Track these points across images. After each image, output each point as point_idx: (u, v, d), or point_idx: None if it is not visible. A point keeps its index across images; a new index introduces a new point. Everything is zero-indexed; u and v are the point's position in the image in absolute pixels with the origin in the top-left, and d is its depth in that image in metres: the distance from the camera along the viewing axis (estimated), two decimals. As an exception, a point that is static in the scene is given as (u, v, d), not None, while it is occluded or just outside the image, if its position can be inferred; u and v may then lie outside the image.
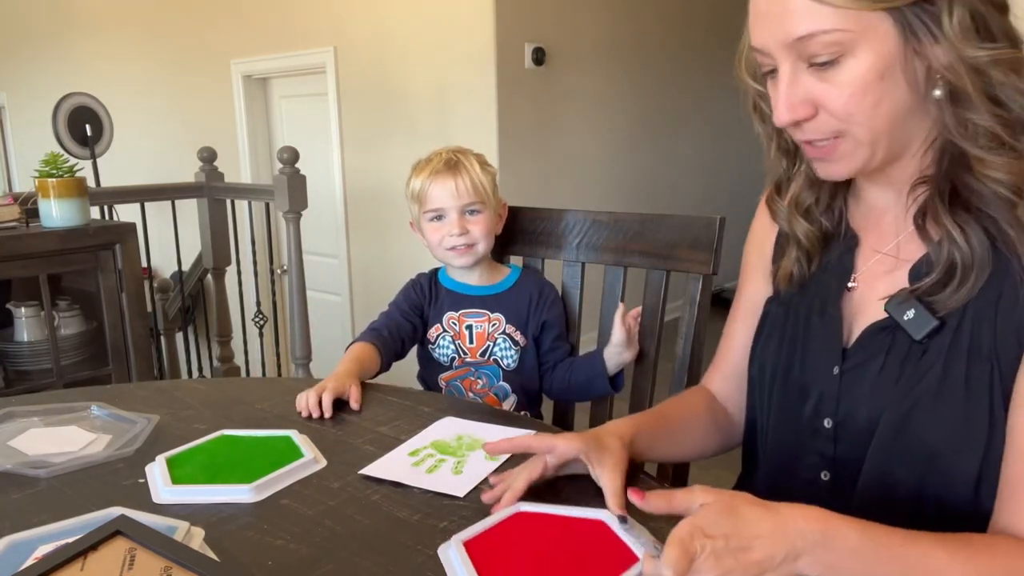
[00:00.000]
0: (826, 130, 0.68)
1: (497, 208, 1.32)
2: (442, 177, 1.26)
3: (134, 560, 0.54)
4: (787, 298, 0.83)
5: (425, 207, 1.28)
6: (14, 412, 1.01)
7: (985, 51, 0.61)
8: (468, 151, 1.32)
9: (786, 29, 0.64)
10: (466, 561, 0.63)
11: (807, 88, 0.66)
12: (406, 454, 0.88)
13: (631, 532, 0.66)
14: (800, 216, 0.79)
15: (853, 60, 0.63)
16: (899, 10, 0.61)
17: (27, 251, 1.94)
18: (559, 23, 3.67)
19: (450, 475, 0.82)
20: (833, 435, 0.76)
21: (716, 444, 0.94)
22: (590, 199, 3.96)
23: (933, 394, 0.67)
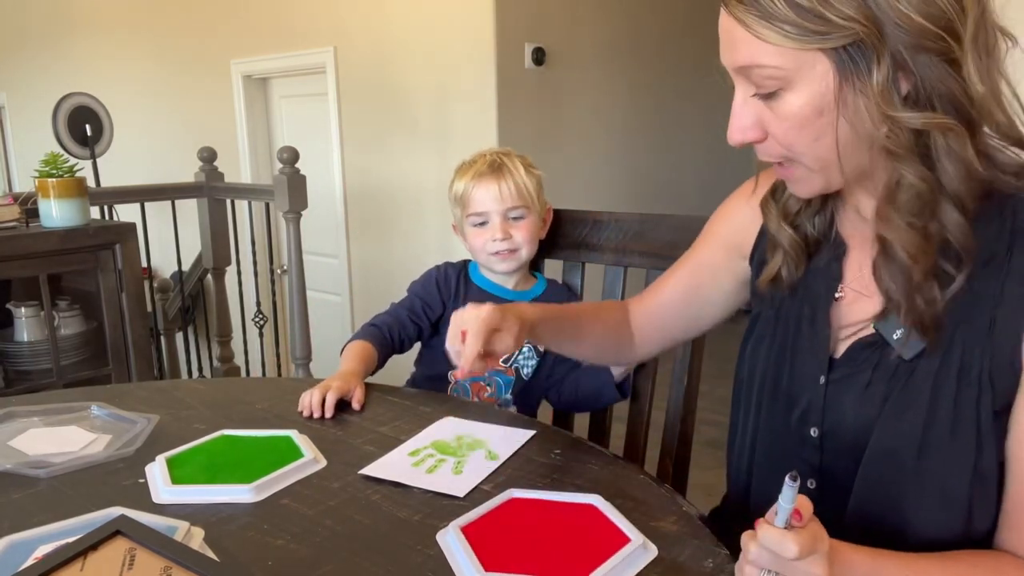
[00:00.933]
0: (775, 154, 0.70)
1: (542, 212, 1.29)
2: (486, 180, 1.24)
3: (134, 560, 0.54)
4: (778, 303, 0.83)
5: (468, 211, 1.26)
6: (14, 412, 1.01)
7: (910, 114, 0.61)
8: (512, 152, 1.30)
9: (731, 57, 0.66)
10: (465, 545, 0.65)
11: (756, 113, 0.67)
12: (406, 454, 0.88)
13: None
14: (786, 224, 0.80)
15: (792, 95, 0.64)
16: (835, 51, 0.61)
17: (27, 251, 1.94)
18: (559, 23, 3.67)
19: (450, 475, 0.82)
20: (819, 444, 0.76)
21: (610, 358, 1.08)
22: (590, 199, 3.96)
23: (924, 418, 0.67)
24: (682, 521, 0.71)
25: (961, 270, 0.64)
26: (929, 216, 0.64)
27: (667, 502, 0.75)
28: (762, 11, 0.62)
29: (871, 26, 0.60)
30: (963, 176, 0.62)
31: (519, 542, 0.67)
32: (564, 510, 0.73)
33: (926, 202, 0.64)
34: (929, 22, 0.59)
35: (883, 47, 0.60)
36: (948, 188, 0.63)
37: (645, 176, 4.40)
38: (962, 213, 0.63)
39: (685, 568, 0.64)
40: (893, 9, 0.59)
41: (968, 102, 0.61)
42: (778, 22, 0.61)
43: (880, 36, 0.60)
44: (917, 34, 0.59)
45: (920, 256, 0.64)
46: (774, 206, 0.81)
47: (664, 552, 0.66)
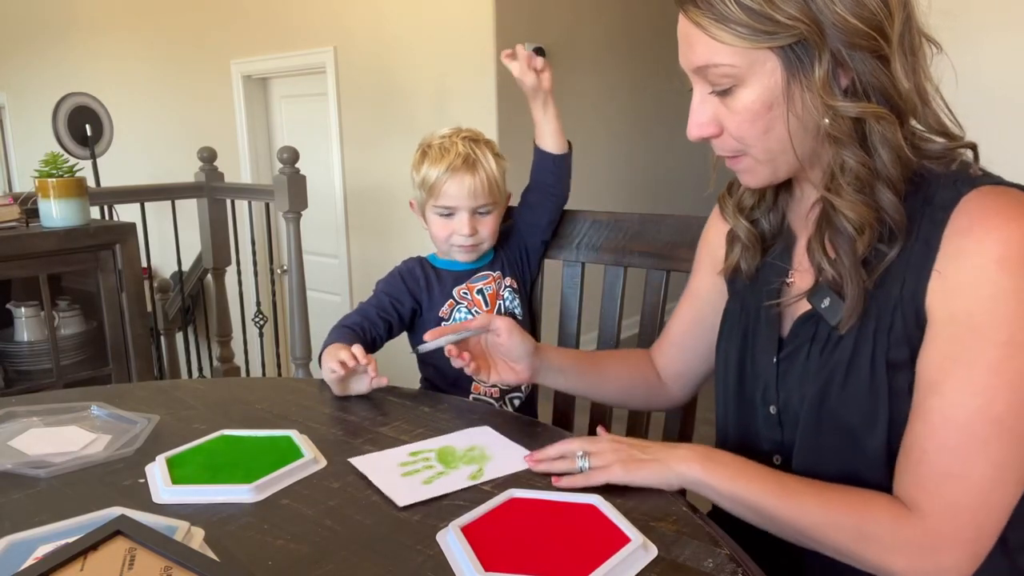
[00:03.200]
0: (729, 148, 0.76)
1: (504, 201, 1.31)
2: (459, 175, 1.23)
3: (134, 560, 0.54)
4: (742, 294, 0.89)
5: (437, 201, 1.26)
6: (14, 412, 1.01)
7: (848, 104, 0.68)
8: (481, 139, 1.29)
9: (689, 58, 0.73)
10: (465, 545, 0.65)
11: (712, 110, 0.74)
12: (406, 453, 0.88)
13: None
14: (742, 217, 0.87)
15: (744, 90, 0.71)
16: (782, 49, 0.68)
17: (27, 251, 1.94)
18: (559, 23, 3.67)
19: (418, 484, 0.79)
20: (778, 420, 0.82)
21: (640, 401, 1.10)
22: (590, 199, 3.96)
23: (842, 377, 0.73)
24: (682, 521, 0.71)
25: (893, 246, 0.70)
26: (868, 193, 0.70)
27: (667, 502, 0.75)
28: (716, 14, 0.68)
29: (813, 25, 0.66)
30: (894, 160, 0.69)
31: (519, 542, 0.67)
32: (564, 510, 0.73)
33: (865, 183, 0.70)
34: (861, 23, 0.66)
35: (823, 45, 0.67)
36: (882, 172, 0.70)
37: (645, 176, 4.40)
38: (895, 194, 0.70)
39: (685, 568, 0.64)
40: (831, 11, 0.66)
41: (897, 95, 0.68)
42: (731, 24, 0.68)
43: (821, 35, 0.67)
44: (852, 33, 0.66)
45: (867, 228, 0.70)
46: (730, 200, 0.89)
47: (664, 552, 0.66)
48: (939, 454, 0.66)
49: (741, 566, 0.64)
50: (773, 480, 0.74)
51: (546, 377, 1.02)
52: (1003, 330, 0.63)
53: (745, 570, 0.64)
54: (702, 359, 1.02)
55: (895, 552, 0.67)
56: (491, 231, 1.27)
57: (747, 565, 0.65)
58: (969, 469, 0.64)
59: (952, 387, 0.65)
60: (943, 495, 0.65)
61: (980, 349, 0.64)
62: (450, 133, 1.30)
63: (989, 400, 0.63)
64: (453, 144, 1.26)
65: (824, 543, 0.70)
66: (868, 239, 0.70)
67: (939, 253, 0.67)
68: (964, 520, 0.65)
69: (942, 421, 0.66)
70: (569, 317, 1.34)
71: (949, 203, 0.68)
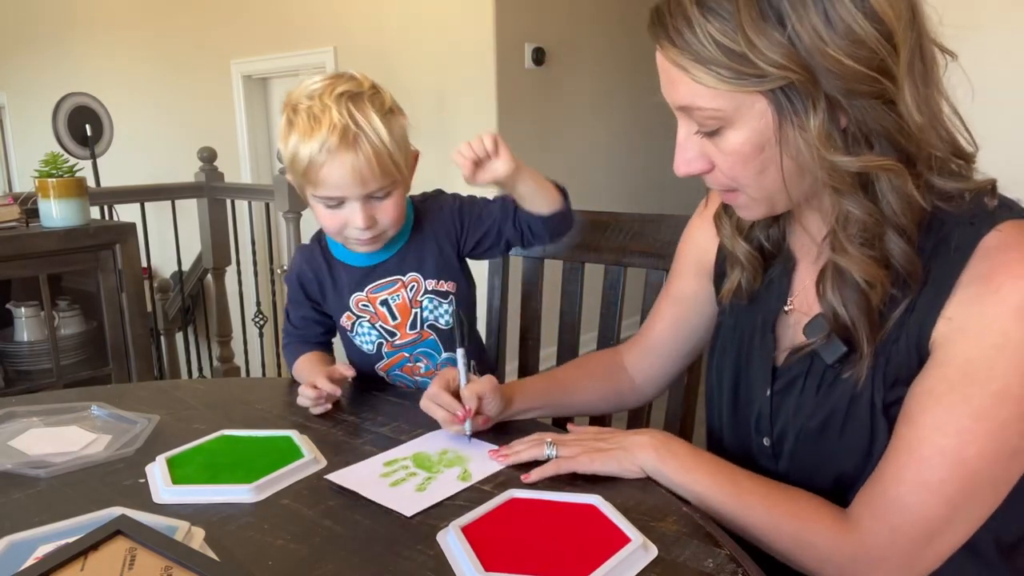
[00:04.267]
0: (721, 184, 0.71)
1: (409, 170, 1.04)
2: (338, 155, 0.94)
3: (134, 560, 0.54)
4: (737, 311, 0.86)
5: (316, 191, 0.99)
6: (14, 412, 1.01)
7: (849, 159, 0.62)
8: (363, 90, 0.98)
9: (672, 96, 0.67)
10: (465, 545, 0.65)
11: (700, 146, 0.69)
12: (381, 464, 0.85)
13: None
14: (741, 238, 0.82)
15: (732, 132, 0.65)
16: (772, 92, 0.62)
17: (27, 251, 1.94)
18: (559, 23, 3.67)
19: (412, 492, 0.78)
20: (772, 452, 0.79)
21: (612, 405, 1.07)
22: (590, 199, 3.95)
23: (842, 417, 0.71)
24: (682, 521, 0.71)
25: (908, 294, 0.66)
26: (878, 245, 0.66)
27: (667, 502, 0.75)
28: (695, 55, 0.62)
29: (803, 72, 0.60)
30: (905, 208, 0.64)
31: (519, 542, 0.67)
32: (564, 510, 0.72)
33: (873, 233, 0.66)
34: (860, 65, 0.59)
35: (818, 91, 0.61)
36: (891, 220, 0.65)
37: (645, 176, 4.40)
38: (907, 242, 0.65)
39: (685, 568, 0.64)
40: (823, 54, 0.59)
41: (906, 138, 0.62)
42: (712, 65, 0.62)
43: (814, 81, 0.60)
44: (850, 78, 0.60)
45: (877, 283, 0.66)
46: (727, 220, 0.83)
47: (664, 552, 0.66)
48: (895, 481, 0.65)
49: (741, 566, 0.64)
50: (725, 476, 0.74)
51: (521, 415, 0.97)
52: (998, 380, 0.61)
53: (745, 570, 0.64)
54: (681, 361, 1.02)
55: (829, 563, 0.68)
56: (394, 216, 1.02)
57: (747, 565, 0.65)
58: (921, 503, 0.64)
59: (926, 422, 0.64)
60: (888, 519, 0.65)
61: (968, 394, 0.62)
62: (321, 88, 0.97)
63: (962, 443, 0.62)
64: (325, 109, 0.94)
65: (765, 543, 0.71)
66: (881, 293, 0.66)
67: (951, 299, 0.64)
68: (902, 546, 0.65)
69: (907, 451, 0.65)
70: (569, 317, 1.34)
71: (966, 245, 0.64)
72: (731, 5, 0.60)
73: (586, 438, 0.83)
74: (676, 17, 0.63)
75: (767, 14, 0.60)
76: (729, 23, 0.60)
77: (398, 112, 1.02)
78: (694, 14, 0.62)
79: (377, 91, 1.01)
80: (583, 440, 0.83)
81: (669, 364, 1.02)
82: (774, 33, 0.60)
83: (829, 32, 0.59)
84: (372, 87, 1.01)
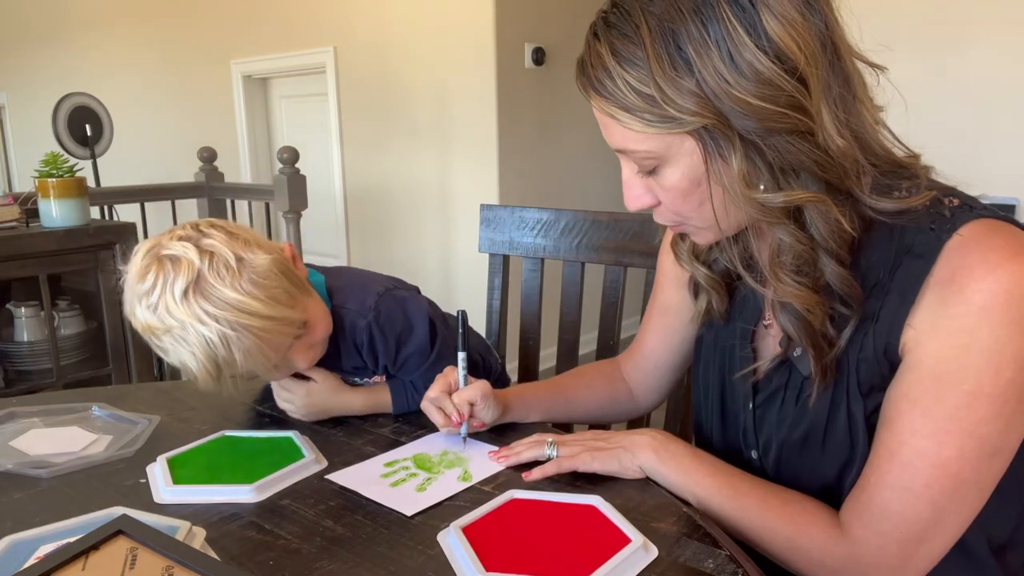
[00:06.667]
0: (668, 219, 0.73)
1: (317, 316, 0.92)
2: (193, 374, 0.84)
3: (135, 560, 0.54)
4: (716, 327, 0.87)
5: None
6: (15, 412, 1.01)
7: (771, 195, 0.64)
8: (214, 280, 0.81)
9: (609, 140, 0.69)
10: (466, 545, 0.65)
11: (644, 184, 0.71)
12: (382, 464, 0.86)
13: None
14: (699, 263, 0.83)
15: (668, 170, 0.67)
16: (696, 131, 0.63)
17: (27, 251, 1.94)
18: (559, 23, 3.67)
19: (412, 492, 0.79)
20: (760, 465, 0.80)
21: (611, 415, 1.07)
22: (590, 199, 3.96)
23: (823, 427, 0.72)
24: (682, 522, 0.71)
25: (853, 312, 0.67)
26: (812, 270, 0.67)
27: (667, 503, 0.75)
28: (619, 103, 0.64)
29: (714, 116, 0.61)
30: (833, 233, 0.65)
31: (520, 542, 0.67)
32: (565, 511, 0.73)
33: (806, 259, 0.67)
34: (768, 103, 0.60)
35: (732, 133, 0.62)
36: (822, 245, 0.66)
37: (645, 176, 4.40)
38: (840, 264, 0.67)
39: (686, 569, 0.64)
40: (731, 98, 0.60)
41: (827, 167, 0.63)
42: (636, 112, 0.63)
43: (727, 124, 0.62)
44: (760, 117, 0.61)
45: (815, 308, 0.68)
46: (682, 247, 0.84)
47: (664, 553, 0.66)
48: (879, 488, 0.66)
49: (741, 567, 0.64)
50: (723, 477, 0.75)
51: (519, 419, 0.97)
52: (970, 380, 0.61)
53: (745, 571, 0.64)
54: (675, 371, 1.02)
55: (822, 567, 0.69)
56: (311, 359, 0.95)
57: (747, 566, 0.65)
58: (906, 507, 0.64)
59: (904, 426, 0.64)
60: (875, 526, 0.66)
61: (941, 395, 0.62)
62: (155, 280, 0.82)
63: (939, 444, 0.62)
64: (163, 305, 0.81)
65: (760, 546, 0.72)
66: (821, 315, 0.68)
67: (916, 305, 0.64)
68: (891, 552, 0.65)
69: (888, 456, 0.65)
70: (569, 317, 1.34)
71: (928, 251, 0.64)
72: (643, 53, 0.62)
73: (586, 438, 0.84)
74: (597, 68, 0.65)
75: (676, 61, 0.61)
76: (643, 70, 0.62)
77: (260, 292, 0.83)
78: (611, 64, 0.64)
79: (237, 267, 0.82)
80: (583, 440, 0.83)
81: (663, 374, 1.03)
82: (682, 80, 0.61)
83: (734, 74, 0.60)
84: (232, 261, 0.82)
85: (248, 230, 0.89)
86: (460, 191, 3.60)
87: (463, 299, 3.54)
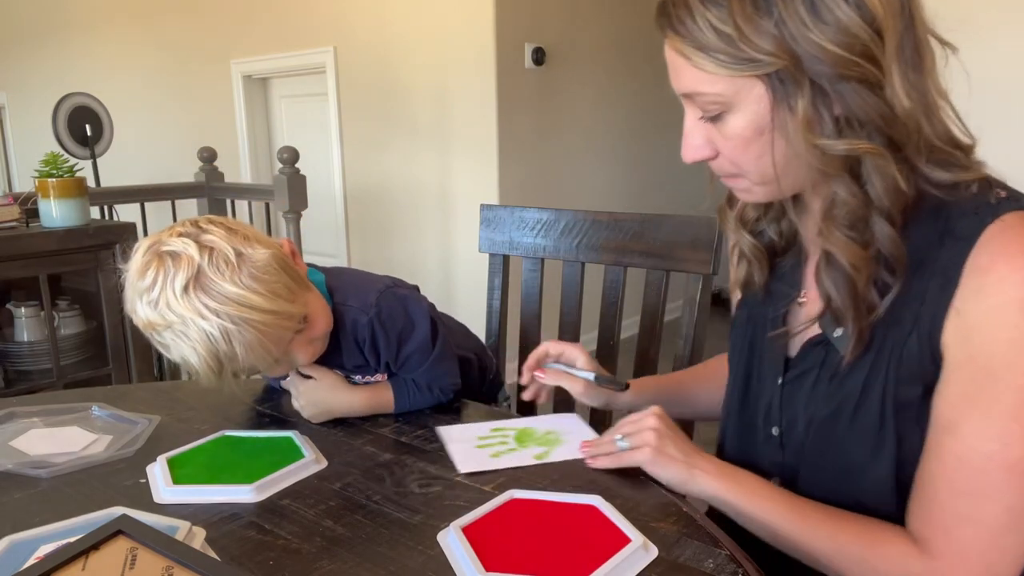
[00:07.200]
0: (725, 170, 0.74)
1: (315, 311, 0.92)
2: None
3: (135, 560, 0.54)
4: (751, 304, 0.87)
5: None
6: (15, 412, 1.01)
7: (834, 141, 0.64)
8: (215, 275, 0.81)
9: (676, 84, 0.70)
10: (466, 545, 0.66)
11: (705, 133, 0.71)
12: (488, 429, 0.93)
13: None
14: (745, 231, 0.83)
15: (733, 116, 0.67)
16: (768, 76, 0.64)
17: (27, 251, 1.94)
18: (559, 23, 3.67)
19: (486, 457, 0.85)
20: (780, 443, 0.80)
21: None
22: (590, 199, 3.96)
23: (852, 408, 0.71)
24: (682, 522, 0.71)
25: (897, 279, 0.67)
26: (863, 229, 0.67)
27: (667, 503, 0.75)
28: (696, 42, 0.65)
29: (789, 58, 0.62)
30: (889, 192, 0.66)
31: (520, 542, 0.67)
32: (565, 510, 0.73)
33: (859, 216, 0.67)
34: (844, 50, 0.61)
35: (803, 78, 0.63)
36: (876, 204, 0.66)
37: (645, 176, 4.40)
38: (891, 225, 0.66)
39: (685, 568, 0.64)
40: (808, 41, 0.61)
41: (891, 123, 0.64)
42: (711, 52, 0.64)
43: (800, 67, 0.62)
44: (835, 64, 0.62)
45: (862, 266, 0.67)
46: (730, 214, 0.85)
47: (664, 553, 0.66)
48: (951, 496, 0.64)
49: (741, 567, 0.64)
50: (787, 502, 0.74)
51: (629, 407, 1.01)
52: (1021, 375, 0.61)
53: (745, 570, 0.64)
54: None
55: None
56: (312, 354, 0.94)
57: (747, 566, 0.65)
58: (982, 513, 0.63)
59: (969, 430, 0.63)
60: (954, 538, 0.64)
61: (998, 393, 0.62)
62: (155, 276, 0.82)
63: (1005, 445, 0.62)
64: (163, 301, 0.81)
65: (832, 569, 0.71)
66: (866, 276, 0.68)
67: (958, 289, 0.64)
68: (973, 563, 0.64)
69: (956, 463, 0.64)
70: (569, 317, 1.34)
71: (970, 234, 0.64)
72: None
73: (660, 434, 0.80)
74: (679, 6, 0.66)
75: (758, 3, 0.62)
76: (724, 10, 0.63)
77: (259, 286, 0.83)
78: (694, 3, 0.65)
79: (237, 262, 0.82)
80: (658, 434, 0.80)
81: None
82: (763, 21, 0.62)
83: (813, 18, 0.61)
84: (231, 255, 0.82)
85: (247, 226, 0.89)
86: (460, 191, 3.60)
87: (463, 299, 3.54)
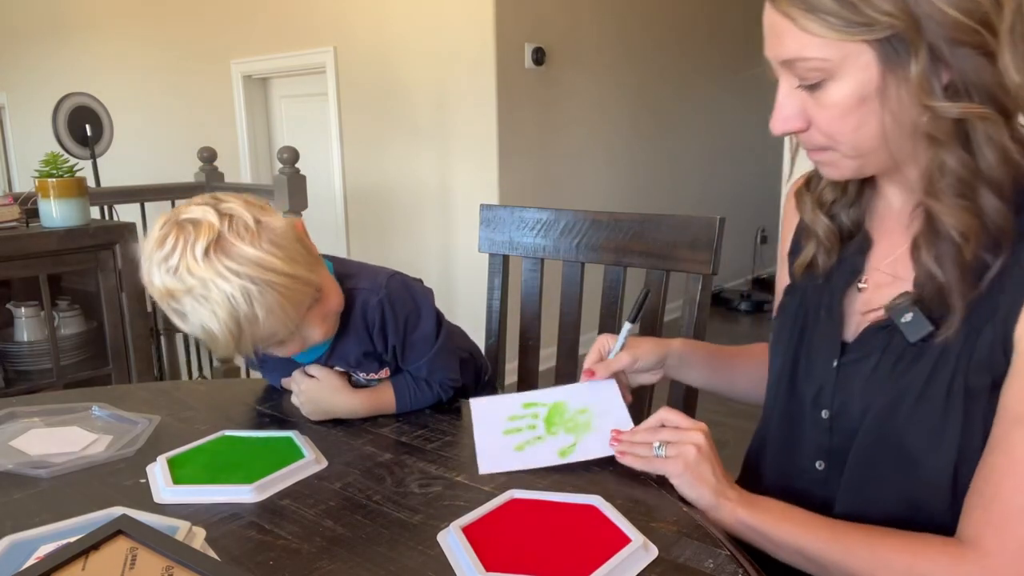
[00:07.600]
0: (816, 143, 0.71)
1: (326, 292, 0.94)
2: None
3: (135, 560, 0.54)
4: (802, 289, 0.85)
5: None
6: (15, 412, 1.01)
7: (948, 104, 0.63)
8: (237, 239, 0.81)
9: (776, 50, 0.68)
10: (466, 545, 0.66)
11: (800, 103, 0.69)
12: (520, 405, 0.94)
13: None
14: (822, 213, 0.82)
15: (835, 84, 0.66)
16: (879, 42, 0.63)
17: (27, 251, 1.94)
18: (559, 23, 3.67)
19: (510, 451, 0.85)
20: (829, 426, 0.78)
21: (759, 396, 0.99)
22: (590, 199, 3.96)
23: (915, 395, 0.69)
24: (682, 522, 0.71)
25: (999, 255, 0.65)
26: (972, 197, 0.66)
27: (667, 503, 0.75)
28: (807, 4, 0.63)
29: (908, 20, 0.61)
30: (1001, 162, 0.64)
31: (520, 542, 0.67)
32: (565, 510, 0.73)
33: (966, 186, 0.65)
34: (964, 16, 0.60)
35: (920, 40, 0.62)
36: (986, 174, 0.64)
37: (645, 176, 4.40)
38: (1000, 198, 0.65)
39: (685, 568, 0.64)
40: (929, 4, 0.61)
41: (1004, 92, 0.62)
42: (823, 14, 0.63)
43: (918, 30, 0.61)
44: (952, 28, 0.61)
45: (971, 235, 0.65)
46: (808, 196, 0.83)
47: (664, 553, 0.66)
48: (1017, 491, 0.63)
49: (741, 567, 0.64)
50: (817, 523, 0.72)
51: (677, 372, 0.99)
52: None
53: (745, 571, 0.64)
54: None
55: None
56: (325, 333, 0.95)
57: (747, 565, 0.65)
58: None
59: None
60: (1012, 533, 0.63)
61: None
62: (175, 242, 0.81)
63: None
64: (184, 265, 0.80)
65: None
66: (974, 246, 0.65)
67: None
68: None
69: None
70: (569, 317, 1.34)
71: None
72: None
73: (700, 449, 0.78)
74: None
75: None
76: None
77: (276, 256, 0.84)
78: None
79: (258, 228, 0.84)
80: (698, 448, 0.78)
81: None
82: None
83: None
84: (251, 223, 0.83)
85: (263, 201, 0.91)
86: (460, 191, 3.60)
87: (463, 299, 3.54)
